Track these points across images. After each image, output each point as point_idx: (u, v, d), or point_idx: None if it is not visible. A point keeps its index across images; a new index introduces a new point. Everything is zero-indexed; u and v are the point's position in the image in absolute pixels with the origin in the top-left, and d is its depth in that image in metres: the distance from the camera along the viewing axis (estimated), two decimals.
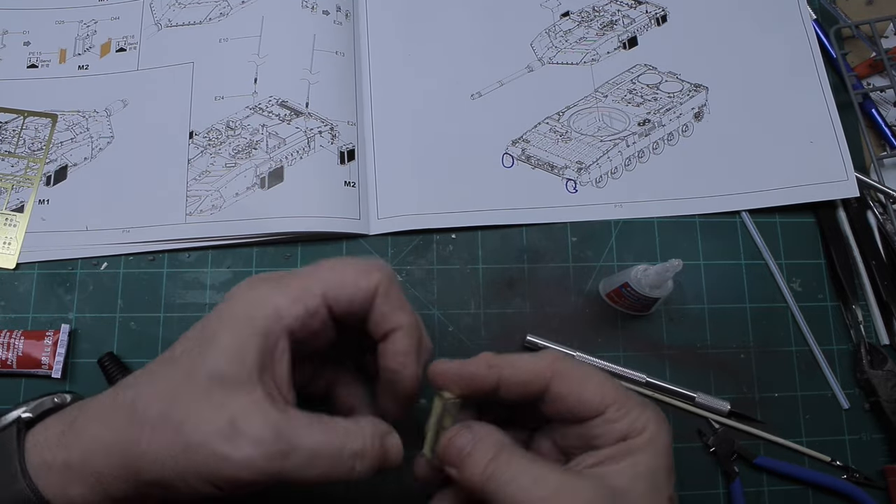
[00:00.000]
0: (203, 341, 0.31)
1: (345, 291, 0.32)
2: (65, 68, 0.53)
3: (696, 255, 0.51)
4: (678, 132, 0.53)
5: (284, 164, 0.49)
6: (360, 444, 0.32)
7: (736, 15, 0.56)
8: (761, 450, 0.47)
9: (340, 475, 0.31)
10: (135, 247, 0.48)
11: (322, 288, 0.32)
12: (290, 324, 0.32)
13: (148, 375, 0.32)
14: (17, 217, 0.49)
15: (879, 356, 0.48)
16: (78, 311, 0.47)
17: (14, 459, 0.31)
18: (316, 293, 0.32)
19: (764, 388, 0.48)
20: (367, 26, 0.54)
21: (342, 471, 0.31)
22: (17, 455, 0.31)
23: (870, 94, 0.56)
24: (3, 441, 0.32)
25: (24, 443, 0.32)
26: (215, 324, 0.32)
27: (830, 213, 0.52)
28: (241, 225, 0.48)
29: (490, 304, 0.49)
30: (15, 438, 0.32)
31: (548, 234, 0.50)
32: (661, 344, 0.49)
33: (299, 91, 0.51)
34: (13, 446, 0.32)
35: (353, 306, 0.33)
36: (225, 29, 0.53)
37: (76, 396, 0.39)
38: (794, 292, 0.50)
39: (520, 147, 0.52)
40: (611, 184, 0.51)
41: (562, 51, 0.55)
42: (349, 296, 0.32)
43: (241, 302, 0.32)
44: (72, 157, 0.50)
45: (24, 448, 0.32)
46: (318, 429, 0.31)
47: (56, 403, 0.38)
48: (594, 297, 0.49)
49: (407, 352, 0.33)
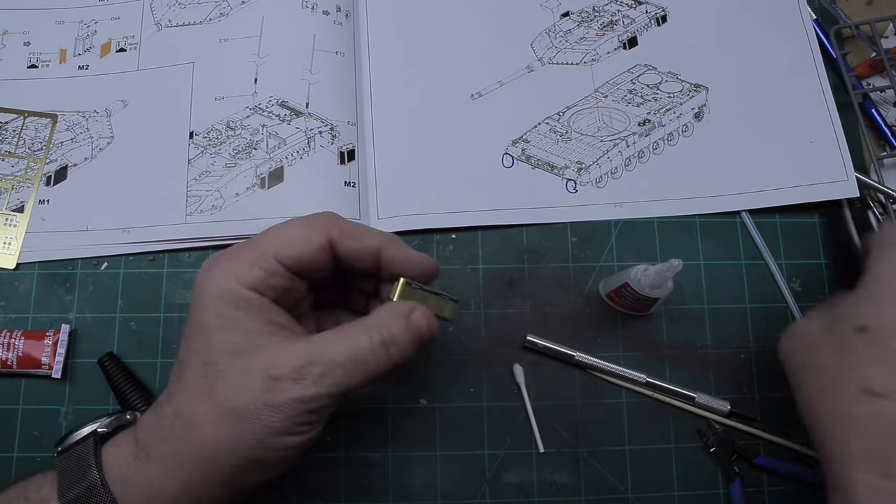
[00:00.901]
0: (199, 333, 0.33)
1: (295, 248, 0.34)
2: (65, 68, 0.53)
3: (696, 255, 0.51)
4: (678, 132, 0.53)
5: (284, 164, 0.49)
6: (385, 332, 0.34)
7: (736, 15, 0.56)
8: (761, 450, 0.47)
9: (384, 368, 0.34)
10: (135, 247, 0.48)
11: (273, 250, 0.34)
12: (255, 286, 0.33)
13: (176, 385, 0.34)
14: (18, 217, 0.49)
15: None
16: (78, 311, 0.47)
17: (92, 469, 0.33)
18: (268, 255, 0.34)
19: (764, 388, 0.48)
20: (367, 26, 0.54)
21: (382, 364, 0.33)
22: (96, 467, 0.33)
23: (870, 94, 0.56)
24: (80, 453, 0.34)
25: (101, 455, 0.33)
26: (197, 314, 0.33)
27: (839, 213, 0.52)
28: (241, 225, 0.48)
29: (490, 304, 0.49)
30: (92, 452, 0.33)
31: (548, 234, 0.50)
32: (661, 344, 0.49)
33: (299, 91, 0.51)
34: (90, 459, 0.33)
35: (308, 260, 0.34)
36: (225, 29, 0.53)
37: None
38: (794, 292, 0.50)
39: (520, 147, 0.52)
40: (611, 184, 0.51)
41: (562, 51, 0.55)
42: (299, 252, 0.34)
43: (206, 283, 0.33)
44: (72, 157, 0.50)
45: (101, 461, 0.33)
46: (342, 338, 0.33)
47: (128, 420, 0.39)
48: (594, 297, 0.49)
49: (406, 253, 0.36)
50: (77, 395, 0.46)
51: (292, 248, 0.34)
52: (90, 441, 0.34)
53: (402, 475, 0.46)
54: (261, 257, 0.33)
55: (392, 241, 0.36)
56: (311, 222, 0.35)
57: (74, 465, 0.33)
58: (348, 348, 0.33)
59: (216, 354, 0.32)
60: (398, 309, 0.35)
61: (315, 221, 0.35)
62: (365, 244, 0.35)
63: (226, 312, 0.33)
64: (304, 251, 0.34)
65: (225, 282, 0.33)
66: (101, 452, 0.34)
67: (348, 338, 0.33)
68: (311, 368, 0.32)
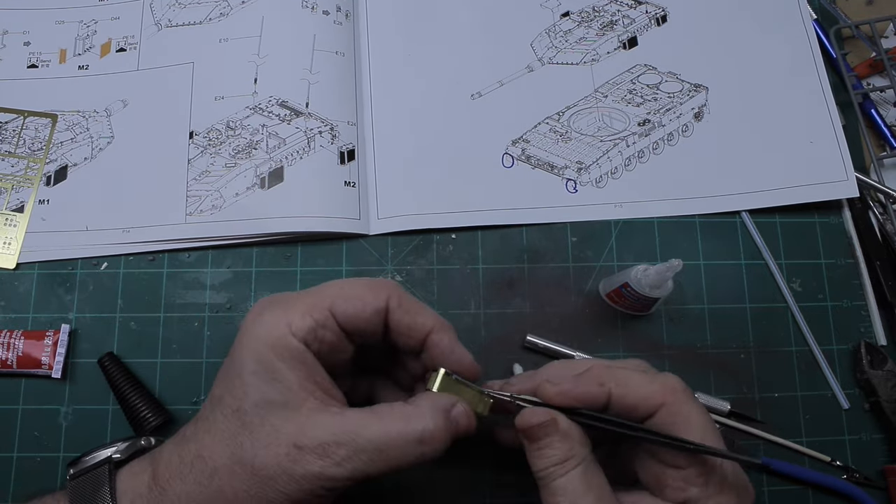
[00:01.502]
0: (236, 376, 0.32)
1: (352, 305, 0.33)
2: (65, 68, 0.53)
3: (696, 255, 0.51)
4: (678, 132, 0.53)
5: (284, 164, 0.49)
6: (422, 427, 0.32)
7: (736, 15, 0.56)
8: (761, 450, 0.47)
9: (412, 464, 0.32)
10: (135, 247, 0.48)
11: (329, 303, 0.33)
12: (305, 336, 0.32)
13: (203, 424, 0.33)
14: (18, 217, 0.49)
15: (879, 356, 0.48)
16: (78, 311, 0.47)
17: (106, 499, 0.33)
18: (324, 307, 0.33)
19: (764, 388, 0.48)
20: (367, 26, 0.54)
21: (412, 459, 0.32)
22: (110, 495, 0.33)
23: (870, 94, 0.56)
24: (95, 480, 0.34)
25: (115, 483, 0.33)
26: (239, 355, 0.33)
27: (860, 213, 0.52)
28: (241, 225, 0.48)
29: (490, 304, 0.49)
30: (107, 479, 0.33)
31: (548, 234, 0.50)
32: (661, 344, 0.49)
33: (299, 91, 0.51)
34: (105, 487, 0.33)
35: (362, 320, 0.34)
36: (225, 29, 0.53)
37: (159, 441, 0.40)
38: (794, 292, 0.50)
39: (520, 147, 0.52)
40: (611, 184, 0.51)
41: (562, 51, 0.55)
42: (357, 310, 0.33)
43: (255, 326, 0.33)
44: (72, 157, 0.50)
45: (115, 488, 0.33)
46: (375, 423, 0.32)
47: (142, 446, 0.39)
48: (594, 297, 0.49)
49: (452, 345, 0.35)
50: (77, 395, 0.46)
51: (348, 305, 0.33)
52: (105, 468, 0.34)
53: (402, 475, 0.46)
54: (315, 307, 0.33)
55: (444, 327, 0.35)
56: (372, 284, 0.34)
57: (89, 490, 0.33)
58: (379, 436, 0.31)
59: (250, 405, 0.32)
60: (439, 403, 0.33)
61: (376, 284, 0.34)
62: (417, 321, 0.34)
63: (268, 360, 0.32)
64: (361, 311, 0.33)
65: (274, 327, 0.32)
66: (116, 479, 0.34)
67: (382, 424, 0.32)
68: (337, 449, 0.31)
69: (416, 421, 0.32)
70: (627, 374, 0.33)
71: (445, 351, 0.35)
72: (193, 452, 0.32)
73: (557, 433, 0.33)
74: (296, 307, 0.33)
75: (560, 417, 0.33)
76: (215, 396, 0.33)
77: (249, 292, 0.48)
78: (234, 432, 0.32)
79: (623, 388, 0.33)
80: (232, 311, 0.48)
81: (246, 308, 0.48)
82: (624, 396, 0.33)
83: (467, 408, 0.34)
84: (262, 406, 0.32)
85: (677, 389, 0.33)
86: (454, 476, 0.45)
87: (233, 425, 0.32)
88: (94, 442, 0.44)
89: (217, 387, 0.34)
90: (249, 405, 0.32)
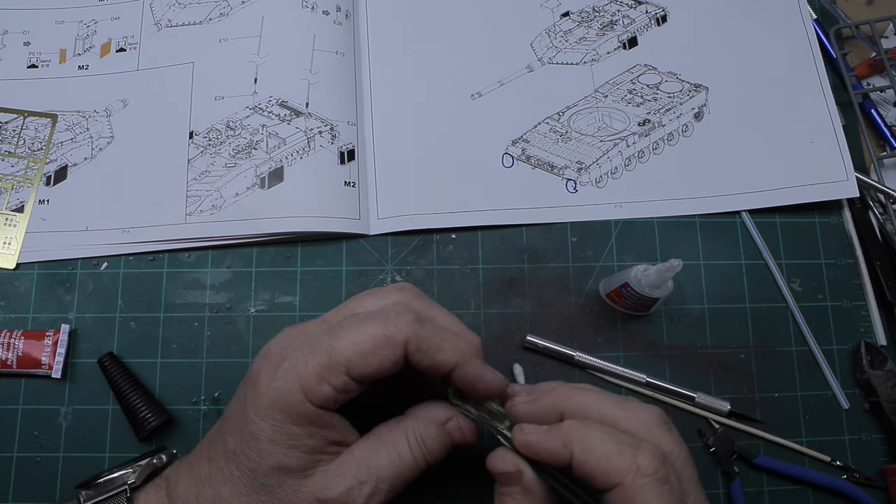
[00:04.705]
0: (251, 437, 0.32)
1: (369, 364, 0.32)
2: (65, 68, 0.53)
3: (696, 255, 0.51)
4: (678, 132, 0.53)
5: (284, 164, 0.49)
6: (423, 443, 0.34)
7: (736, 15, 0.56)
8: (761, 450, 0.47)
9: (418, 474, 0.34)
10: (135, 247, 0.48)
11: (345, 364, 0.32)
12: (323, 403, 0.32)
13: (219, 475, 0.34)
14: (17, 217, 0.49)
15: (879, 356, 0.48)
16: (78, 311, 0.47)
17: None
18: (340, 371, 0.32)
19: (764, 388, 0.48)
20: (367, 26, 0.54)
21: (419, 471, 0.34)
22: None
23: (870, 94, 0.56)
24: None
25: None
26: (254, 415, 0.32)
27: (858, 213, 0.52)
28: (241, 225, 0.48)
29: (490, 304, 0.49)
30: None
31: (548, 234, 0.50)
32: (661, 344, 0.49)
33: (299, 91, 0.51)
34: None
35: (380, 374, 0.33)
36: (225, 29, 0.53)
37: (171, 456, 0.40)
38: (794, 292, 0.50)
39: (520, 147, 0.52)
40: (611, 184, 0.51)
41: (562, 51, 0.55)
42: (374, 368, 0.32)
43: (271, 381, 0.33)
44: (72, 157, 0.50)
45: None
46: (384, 450, 0.34)
47: (155, 465, 0.39)
48: (594, 297, 0.49)
49: (478, 375, 0.34)
50: (77, 395, 0.46)
51: (366, 365, 0.32)
52: (122, 497, 0.35)
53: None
54: (331, 371, 0.32)
55: (470, 361, 0.33)
56: (388, 329, 0.32)
57: None
58: (393, 463, 0.33)
59: (266, 468, 0.32)
60: (434, 415, 0.35)
61: (394, 332, 0.32)
62: (438, 360, 0.33)
63: (285, 428, 0.32)
64: (378, 367, 0.32)
65: (289, 393, 0.32)
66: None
67: (389, 450, 0.33)
68: (361, 489, 0.32)
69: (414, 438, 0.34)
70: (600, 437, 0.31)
71: (473, 382, 0.34)
72: (213, 498, 0.33)
73: (520, 486, 0.33)
74: (310, 369, 0.32)
75: (526, 470, 0.33)
76: (229, 450, 0.33)
77: (249, 292, 0.48)
78: (253, 489, 0.32)
79: (587, 453, 0.31)
80: (232, 311, 0.48)
81: (246, 308, 0.48)
82: (584, 463, 0.31)
83: (463, 422, 0.35)
84: (278, 471, 0.32)
85: (645, 472, 0.30)
86: (454, 476, 0.45)
87: (250, 483, 0.33)
88: (94, 442, 0.45)
89: (230, 438, 0.33)
90: (266, 468, 0.32)
